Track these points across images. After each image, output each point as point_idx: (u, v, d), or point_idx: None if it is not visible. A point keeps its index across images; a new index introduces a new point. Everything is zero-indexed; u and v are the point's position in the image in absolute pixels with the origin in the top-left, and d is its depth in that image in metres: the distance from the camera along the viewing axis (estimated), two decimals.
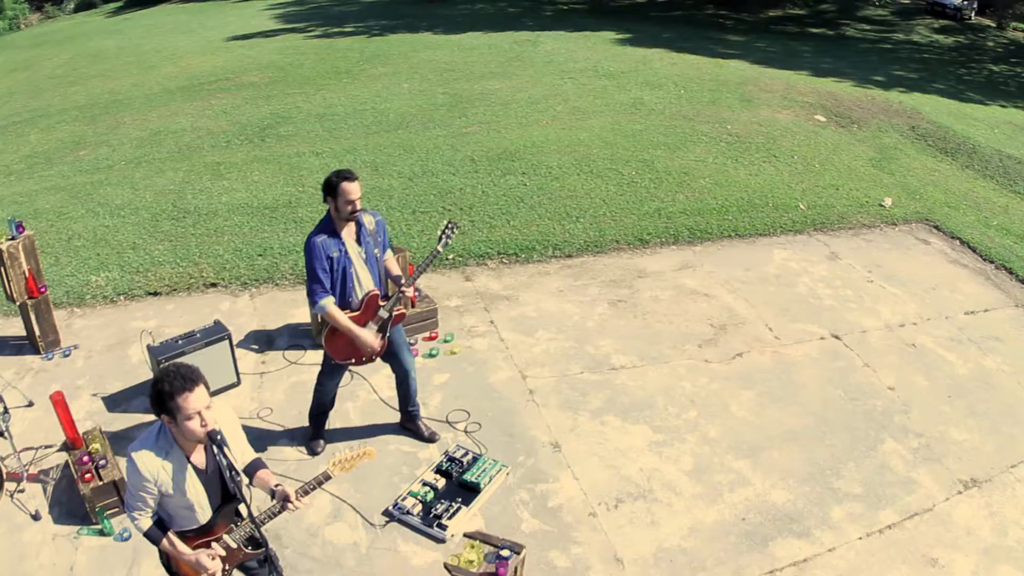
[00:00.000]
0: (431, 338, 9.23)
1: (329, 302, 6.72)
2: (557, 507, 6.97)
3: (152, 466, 4.55)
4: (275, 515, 4.91)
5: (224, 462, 4.55)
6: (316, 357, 8.82)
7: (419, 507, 6.92)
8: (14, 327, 10.12)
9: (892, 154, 14.51)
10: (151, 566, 6.62)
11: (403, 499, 7.03)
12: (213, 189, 13.50)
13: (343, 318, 6.77)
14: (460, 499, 6.93)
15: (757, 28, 25.63)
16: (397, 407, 7.91)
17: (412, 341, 8.94)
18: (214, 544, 4.91)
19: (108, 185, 14.15)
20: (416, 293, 9.14)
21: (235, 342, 8.75)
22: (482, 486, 6.99)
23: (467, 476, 7.11)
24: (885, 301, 9.85)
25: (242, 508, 5.02)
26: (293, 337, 9.50)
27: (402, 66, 20.69)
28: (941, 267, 10.97)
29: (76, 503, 7.43)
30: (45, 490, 7.66)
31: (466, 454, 7.44)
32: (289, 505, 4.76)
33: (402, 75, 19.93)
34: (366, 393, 8.39)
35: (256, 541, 5.04)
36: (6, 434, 8.07)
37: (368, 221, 6.88)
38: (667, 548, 6.52)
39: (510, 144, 14.66)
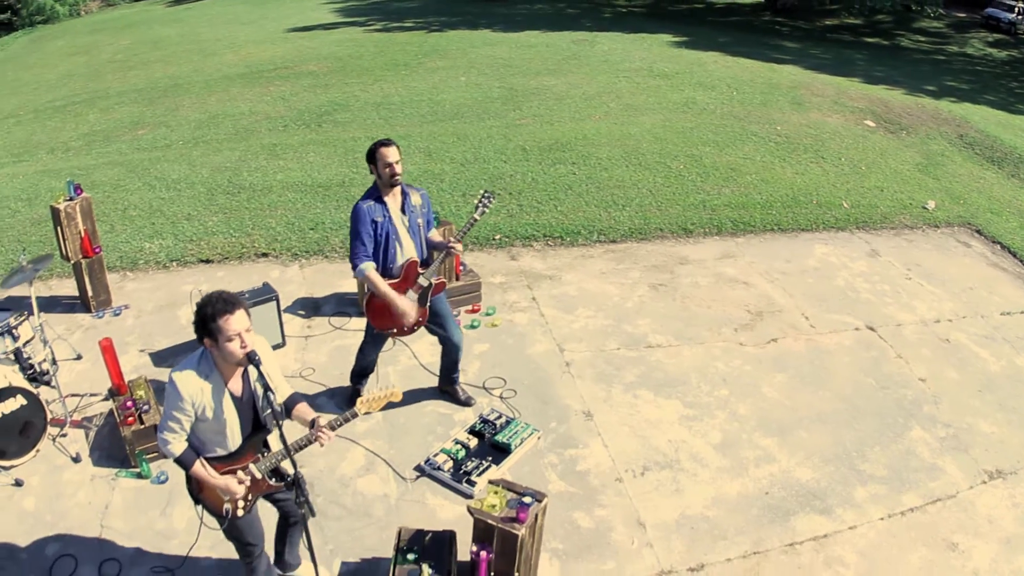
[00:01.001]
0: (473, 311, 9.35)
1: (369, 266, 6.84)
2: (585, 471, 7.05)
3: (192, 387, 4.70)
4: (304, 446, 5.02)
5: (262, 383, 4.68)
6: (360, 324, 8.95)
7: (450, 464, 7.03)
8: (66, 287, 10.36)
9: (939, 160, 14.40)
10: (185, 507, 6.78)
11: (435, 455, 7.15)
12: (269, 168, 13.72)
13: (382, 283, 6.88)
14: (491, 458, 7.03)
15: (813, 36, 25.46)
16: (436, 372, 8.04)
17: (455, 313, 9.05)
18: (240, 472, 5.04)
19: (165, 161, 14.44)
20: (461, 267, 9.29)
21: (283, 307, 8.92)
22: (513, 447, 7.09)
23: (499, 437, 7.21)
24: (922, 298, 9.80)
25: (270, 439, 5.15)
26: (339, 305, 9.67)
27: (460, 61, 20.82)
28: (980, 269, 10.88)
29: (116, 448, 7.61)
30: (87, 435, 7.84)
31: (499, 417, 7.54)
32: (319, 438, 4.90)
33: (459, 69, 20.06)
34: (407, 358, 8.53)
35: (280, 474, 5.17)
36: (53, 382, 8.28)
37: (414, 196, 7.00)
38: (690, 516, 6.57)
39: (562, 136, 14.73)
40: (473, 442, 7.26)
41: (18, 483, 7.38)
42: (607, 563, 6.18)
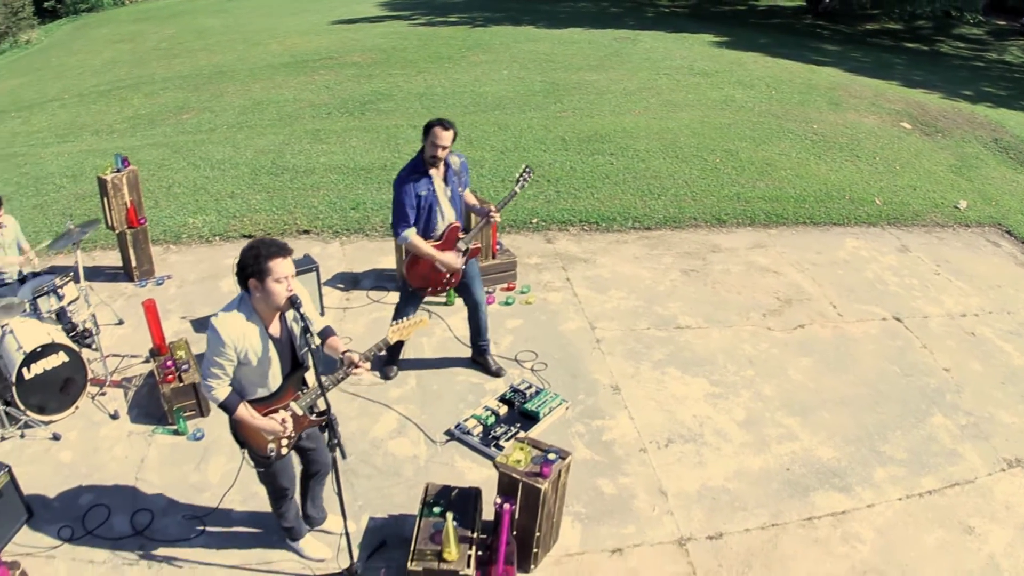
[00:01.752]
0: (508, 288, 9.47)
1: (412, 233, 7.01)
2: (610, 441, 7.15)
3: (234, 331, 4.83)
4: (340, 381, 5.15)
5: (302, 323, 4.81)
6: (398, 323, 9.11)
7: (480, 429, 7.17)
8: (110, 258, 10.58)
9: (972, 163, 14.31)
10: (220, 463, 6.97)
11: (465, 420, 7.29)
12: (312, 151, 13.90)
13: (425, 245, 7.04)
14: (519, 425, 7.16)
15: (853, 39, 25.30)
16: (469, 343, 8.17)
17: (490, 290, 9.17)
18: (282, 411, 5.17)
19: (209, 144, 14.65)
20: (498, 246, 9.40)
21: (322, 280, 9.06)
22: (541, 416, 7.20)
23: (528, 406, 7.33)
24: (950, 293, 9.79)
25: (308, 376, 5.28)
26: (378, 280, 9.84)
27: (503, 55, 20.87)
28: (1009, 268, 10.83)
29: (154, 407, 7.78)
30: (126, 394, 8.02)
31: (529, 387, 7.67)
32: (353, 370, 5.01)
33: (502, 63, 20.12)
34: (441, 331, 8.67)
35: (320, 411, 5.28)
36: (94, 343, 8.44)
37: (454, 161, 7.15)
38: (711, 487, 6.65)
39: (601, 128, 14.80)
40: (503, 410, 7.39)
41: (56, 437, 7.54)
42: (628, 527, 6.28)
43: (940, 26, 29.45)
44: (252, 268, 4.72)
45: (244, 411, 5.08)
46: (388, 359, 8.07)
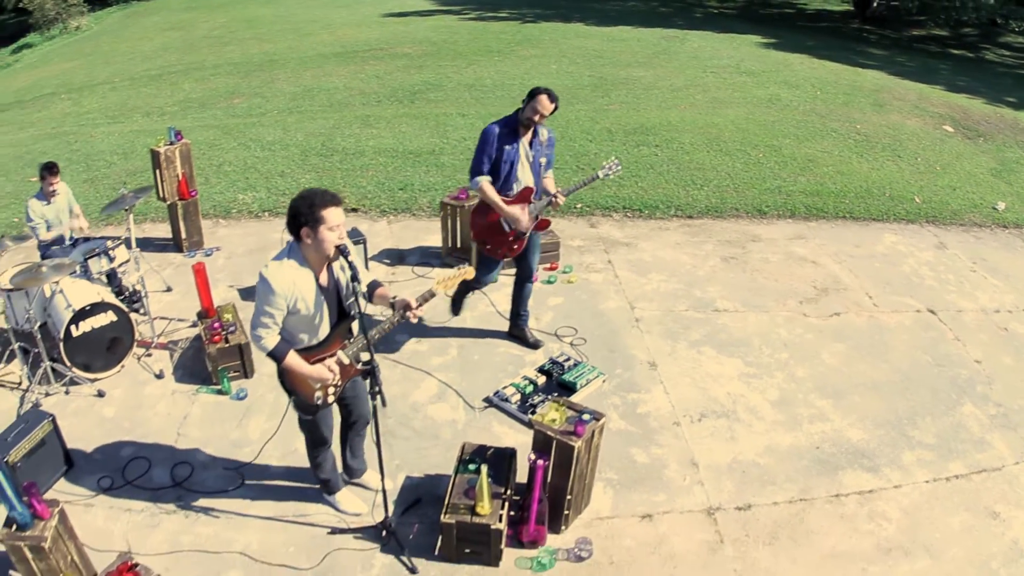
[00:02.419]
0: (551, 268, 9.55)
1: (485, 180, 7.10)
2: (645, 414, 7.23)
3: (285, 280, 4.91)
4: (393, 325, 5.26)
5: (351, 271, 4.92)
6: (443, 272, 9.19)
7: (518, 397, 7.26)
8: (159, 231, 10.80)
9: (1013, 167, 14.16)
10: (260, 421, 7.12)
11: (504, 388, 7.38)
12: (361, 135, 14.07)
13: (494, 193, 7.13)
14: (556, 395, 7.22)
15: (899, 44, 25.09)
16: (508, 316, 8.25)
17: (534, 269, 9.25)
18: (329, 360, 5.28)
19: (260, 126, 14.87)
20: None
21: (369, 256, 9.21)
22: (579, 387, 7.29)
23: (566, 377, 7.42)
24: (984, 289, 9.73)
25: (355, 327, 5.37)
26: (423, 256, 9.99)
27: (552, 50, 20.91)
28: None
29: (199, 368, 7.93)
30: (171, 356, 8.19)
31: (568, 360, 7.76)
32: (408, 312, 5.09)
33: (551, 58, 20.17)
34: (484, 305, 8.78)
35: (365, 361, 5.35)
36: (143, 307, 8.58)
37: (542, 133, 7.21)
38: (741, 461, 6.70)
39: (647, 121, 14.84)
40: (541, 380, 7.49)
41: (100, 394, 7.66)
42: (658, 495, 6.35)
43: (986, 34, 29.10)
44: (305, 216, 4.78)
45: (293, 359, 5.17)
46: (453, 309, 8.24)
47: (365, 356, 5.20)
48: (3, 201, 12.25)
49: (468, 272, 5.40)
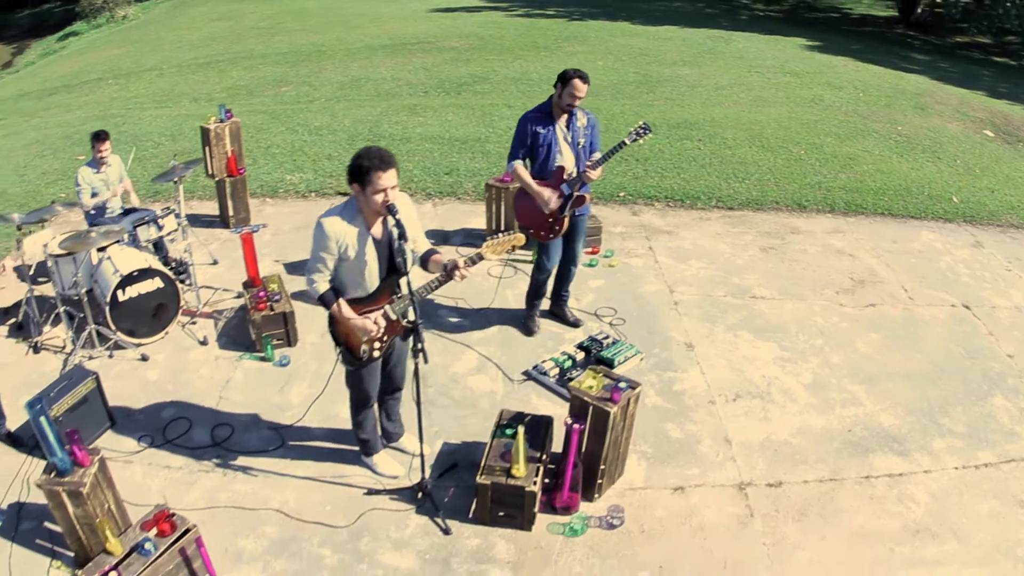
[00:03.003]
0: (593, 252, 9.57)
1: (519, 163, 7.14)
2: (681, 392, 7.25)
3: (339, 228, 5.07)
4: (438, 286, 5.30)
5: (398, 230, 4.99)
6: (493, 239, 9.25)
7: (556, 371, 7.31)
8: (207, 207, 10.94)
9: None
10: (302, 388, 7.21)
11: (543, 362, 7.42)
12: (408, 122, 14.18)
13: (527, 175, 7.17)
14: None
15: (943, 50, 24.79)
16: (550, 296, 8.26)
17: None
18: (376, 314, 5.35)
19: (308, 112, 15.02)
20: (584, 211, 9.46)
21: None
22: (616, 363, 7.31)
23: (604, 353, 7.46)
24: (1019, 287, 9.60)
25: (403, 284, 5.42)
26: (467, 238, 10.07)
27: (598, 48, 20.86)
28: None
29: (243, 336, 8.02)
30: (216, 324, 8.28)
31: (607, 337, 7.78)
32: (456, 273, 5.14)
33: (597, 55, 20.13)
34: (526, 284, 8.77)
35: (411, 320, 5.40)
36: (189, 277, 8.65)
37: (580, 117, 7.20)
38: (774, 440, 6.70)
39: (691, 116, 14.82)
40: (580, 355, 7.53)
41: (144, 358, 7.76)
42: (691, 469, 6.37)
43: None
44: (358, 174, 4.94)
45: (341, 308, 5.29)
46: (527, 315, 8.17)
47: (412, 315, 5.26)
48: (51, 177, 12.47)
49: (518, 239, 5.42)
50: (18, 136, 15.91)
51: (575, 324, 8.11)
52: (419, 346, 5.14)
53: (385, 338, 5.54)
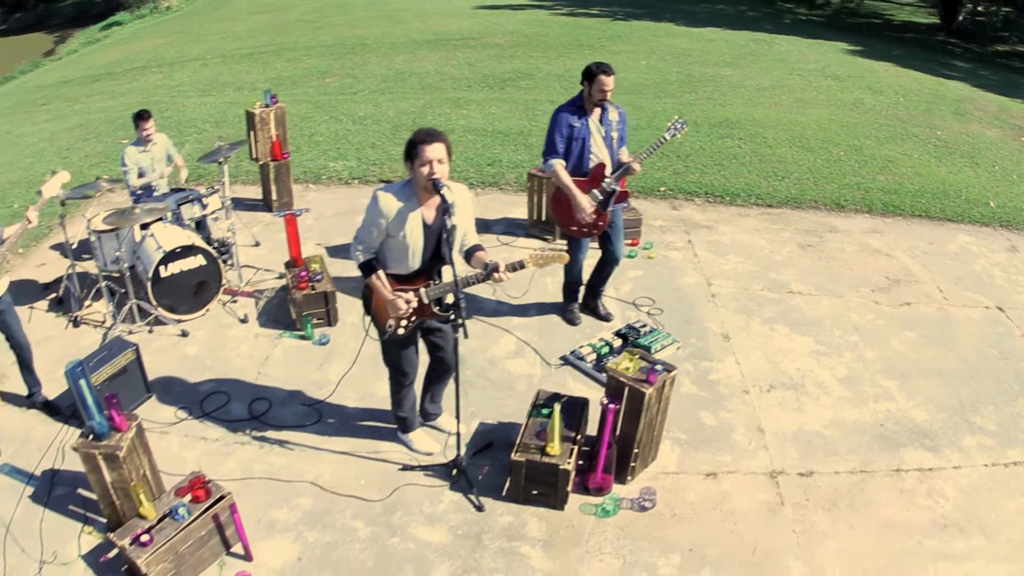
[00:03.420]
0: (632, 244, 9.58)
1: (559, 163, 7.13)
2: (716, 381, 7.26)
3: (391, 203, 5.14)
4: (475, 283, 5.33)
5: (443, 206, 5.06)
6: (527, 243, 9.47)
7: (593, 356, 7.35)
8: (250, 192, 11.03)
9: None
10: (341, 366, 7.25)
11: (580, 348, 7.46)
12: (452, 115, 14.24)
13: (567, 177, 7.15)
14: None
15: (983, 59, 24.41)
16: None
17: None
18: (410, 293, 5.41)
19: (352, 103, 15.11)
20: (624, 203, 9.45)
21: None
22: (653, 351, 7.31)
23: (641, 340, 7.48)
24: None
25: (444, 270, 5.47)
26: (508, 227, 10.12)
27: (641, 47, 20.78)
28: None
29: (284, 316, 8.09)
30: (256, 303, 8.36)
31: (644, 326, 7.80)
32: (495, 275, 5.18)
33: (640, 54, 20.06)
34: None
35: (445, 305, 5.49)
36: (231, 257, 8.72)
37: (611, 111, 7.20)
38: (806, 431, 6.69)
39: (732, 116, 14.77)
40: (617, 342, 7.56)
41: (184, 334, 7.82)
42: (724, 456, 6.40)
43: None
44: (408, 151, 5.08)
45: (379, 280, 5.37)
46: (565, 308, 8.20)
47: (449, 299, 5.31)
48: (95, 160, 12.66)
49: (563, 257, 5.42)
50: (61, 120, 16.15)
51: (606, 318, 8.10)
52: (460, 321, 5.18)
53: (413, 318, 5.59)
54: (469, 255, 5.51)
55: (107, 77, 20.83)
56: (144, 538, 5.00)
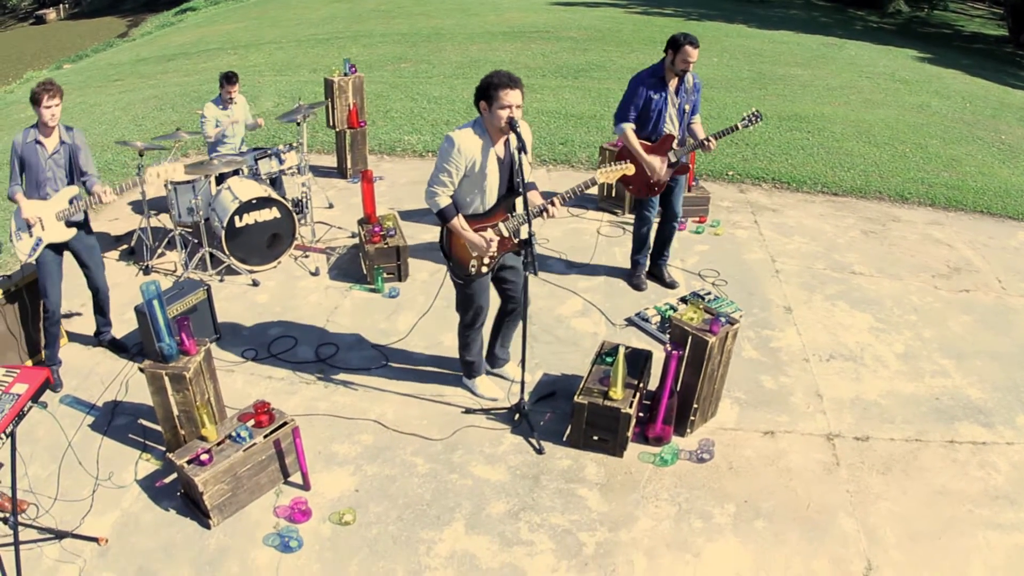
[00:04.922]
0: (700, 221, 9.50)
1: (629, 127, 7.08)
2: (777, 348, 7.16)
3: (467, 142, 5.14)
4: (538, 214, 5.37)
5: (518, 144, 5.06)
6: (597, 215, 9.49)
7: (658, 318, 7.29)
8: (325, 160, 11.09)
9: None
10: (409, 318, 7.28)
11: (645, 309, 7.41)
12: (528, 99, 14.12)
13: (635, 141, 7.11)
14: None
15: None
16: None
17: (683, 219, 9.09)
18: (490, 231, 5.43)
19: (428, 85, 15.19)
20: (694, 181, 9.40)
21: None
22: None
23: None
24: None
25: (518, 202, 5.48)
26: (578, 200, 10.02)
27: (714, 46, 20.54)
28: None
29: (355, 270, 8.06)
30: (328, 259, 8.35)
31: (709, 293, 7.73)
32: (550, 207, 5.34)
33: (712, 52, 19.81)
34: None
35: (521, 241, 5.51)
36: (305, 214, 8.66)
37: (689, 80, 7.12)
38: (863, 399, 6.57)
39: (801, 111, 14.56)
40: (681, 307, 7.47)
41: (255, 283, 7.81)
42: (781, 417, 6.31)
43: None
44: (485, 92, 5.06)
45: (459, 223, 5.37)
46: (632, 268, 8.16)
47: (525, 233, 5.30)
48: (169, 128, 12.81)
49: (629, 168, 5.56)
50: (135, 92, 16.44)
51: (671, 285, 8.02)
52: (530, 259, 5.18)
53: (495, 254, 5.61)
54: (525, 192, 5.51)
55: (182, 56, 21.15)
56: (204, 457, 4.97)
